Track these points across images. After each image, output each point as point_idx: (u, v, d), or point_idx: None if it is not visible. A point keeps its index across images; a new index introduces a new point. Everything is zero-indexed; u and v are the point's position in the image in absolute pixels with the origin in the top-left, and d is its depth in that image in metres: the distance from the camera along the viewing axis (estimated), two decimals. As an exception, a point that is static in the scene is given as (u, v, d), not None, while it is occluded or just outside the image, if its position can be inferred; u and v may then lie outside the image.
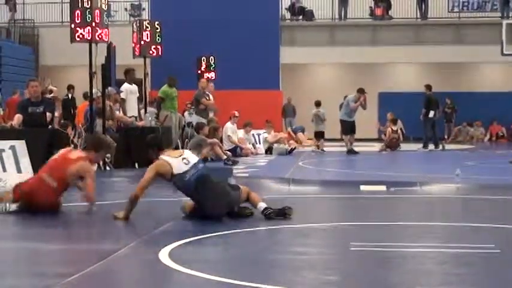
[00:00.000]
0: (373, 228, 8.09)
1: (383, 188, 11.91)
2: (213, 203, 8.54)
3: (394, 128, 25.80)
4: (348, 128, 23.07)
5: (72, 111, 22.47)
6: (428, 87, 26.08)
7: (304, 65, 33.77)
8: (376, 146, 26.74)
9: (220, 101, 21.94)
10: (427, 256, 6.49)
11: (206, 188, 8.58)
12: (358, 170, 17.05)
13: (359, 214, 9.43)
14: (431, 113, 25.42)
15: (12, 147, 11.94)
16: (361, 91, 23.14)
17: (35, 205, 9.14)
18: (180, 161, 8.60)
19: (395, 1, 33.16)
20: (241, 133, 22.06)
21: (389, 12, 33.44)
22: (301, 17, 33.68)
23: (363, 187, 12.01)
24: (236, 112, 22.02)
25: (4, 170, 11.73)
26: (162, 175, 8.62)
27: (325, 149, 24.04)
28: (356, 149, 23.18)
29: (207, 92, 20.71)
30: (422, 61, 33.51)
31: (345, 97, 23.86)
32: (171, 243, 6.80)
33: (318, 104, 25.85)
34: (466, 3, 33.95)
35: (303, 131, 28.09)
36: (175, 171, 8.50)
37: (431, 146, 25.40)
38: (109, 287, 5.54)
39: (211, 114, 20.59)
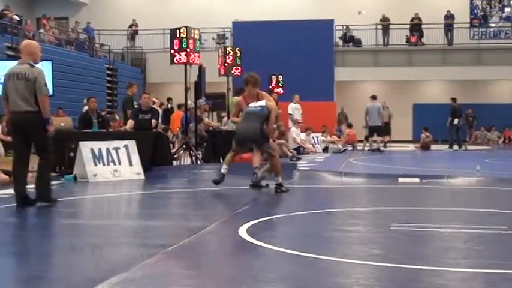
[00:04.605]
0: (409, 212, 7.97)
1: (417, 180, 11.74)
2: (244, 126, 9.86)
3: (428, 134, 25.41)
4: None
5: (170, 118, 22.68)
6: (454, 99, 25.71)
7: (353, 81, 33.52)
8: (411, 147, 26.41)
9: (286, 110, 21.91)
10: (452, 235, 6.37)
11: (247, 115, 9.89)
12: (397, 166, 16.83)
13: (397, 201, 9.31)
14: (456, 121, 25.07)
15: (126, 146, 12.15)
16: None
17: None
18: (253, 104, 9.94)
19: (426, 30, 32.72)
20: (303, 136, 22.00)
21: (422, 39, 33.05)
22: (351, 43, 33.50)
23: (400, 179, 11.84)
24: (299, 119, 22.01)
25: (119, 163, 11.95)
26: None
27: (366, 148, 23.86)
28: (394, 149, 22.97)
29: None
30: (449, 79, 32.98)
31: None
32: (248, 222, 6.80)
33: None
34: (484, 32, 33.37)
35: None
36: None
37: (455, 147, 25.02)
38: (199, 255, 5.56)
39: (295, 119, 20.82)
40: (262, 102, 9.90)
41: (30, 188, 8.42)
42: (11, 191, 8.61)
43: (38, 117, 8.05)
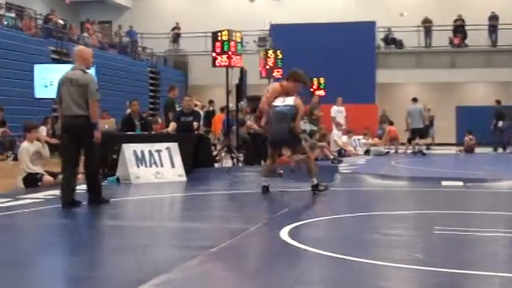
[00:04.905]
0: (452, 216, 7.86)
1: (460, 183, 11.57)
2: (274, 127, 9.74)
3: (471, 137, 25.06)
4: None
5: (212, 121, 22.78)
6: (498, 101, 25.34)
7: (395, 84, 33.23)
8: (454, 150, 26.09)
9: (329, 112, 21.87)
10: (496, 239, 6.26)
11: (276, 116, 9.69)
12: (440, 168, 16.60)
13: (441, 204, 9.18)
14: (500, 123, 24.71)
15: (168, 148, 12.26)
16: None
17: None
18: (280, 101, 9.74)
19: (470, 32, 32.28)
20: (345, 138, 21.93)
21: (465, 40, 32.61)
22: (393, 45, 33.24)
23: (443, 182, 11.70)
24: (341, 122, 21.99)
25: (162, 165, 12.05)
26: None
27: (408, 151, 23.54)
28: (437, 152, 22.69)
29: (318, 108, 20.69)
30: (493, 80, 32.43)
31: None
32: (289, 224, 6.79)
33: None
34: (530, 33, 32.76)
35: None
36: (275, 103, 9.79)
37: (500, 150, 24.63)
38: (240, 257, 5.59)
39: None
40: (290, 101, 9.77)
41: (77, 189, 8.55)
42: (56, 192, 8.76)
43: (88, 121, 8.47)
